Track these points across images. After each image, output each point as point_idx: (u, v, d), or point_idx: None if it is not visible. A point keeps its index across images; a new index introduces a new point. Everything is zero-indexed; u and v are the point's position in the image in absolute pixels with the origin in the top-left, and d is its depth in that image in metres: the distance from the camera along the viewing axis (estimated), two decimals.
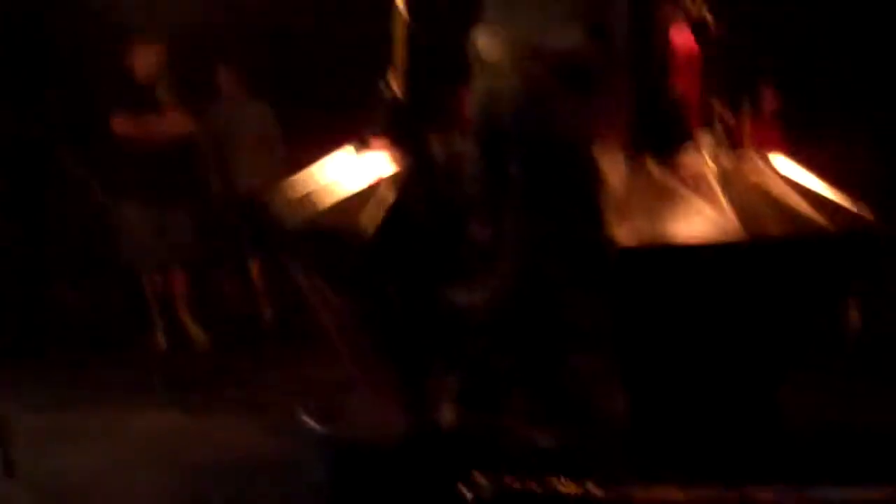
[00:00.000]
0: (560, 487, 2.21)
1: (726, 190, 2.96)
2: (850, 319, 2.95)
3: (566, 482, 2.24)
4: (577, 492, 2.20)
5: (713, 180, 3.00)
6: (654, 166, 3.07)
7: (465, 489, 2.30)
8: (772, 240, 2.85)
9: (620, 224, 2.87)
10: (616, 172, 3.35)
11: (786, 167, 3.25)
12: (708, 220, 2.88)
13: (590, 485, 2.22)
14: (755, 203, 2.96)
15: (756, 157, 3.23)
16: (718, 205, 2.91)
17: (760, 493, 2.00)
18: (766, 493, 1.99)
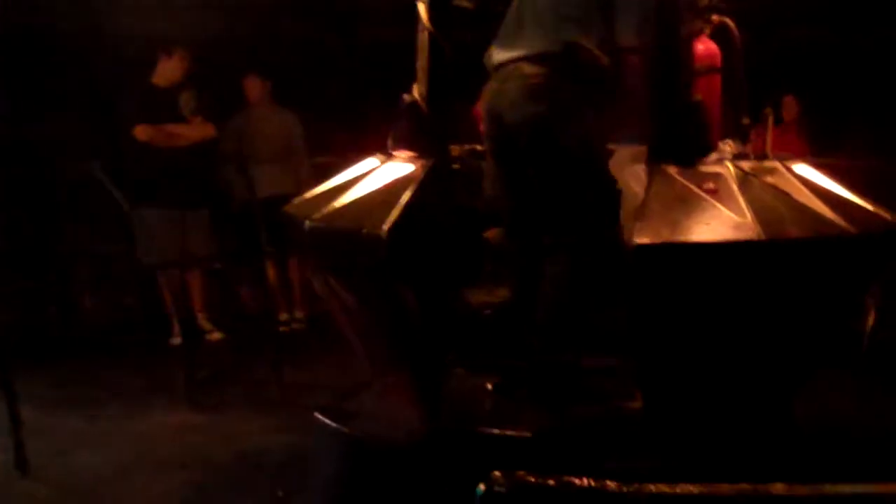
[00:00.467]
0: (575, 482, 2.19)
1: (746, 195, 2.94)
2: (867, 319, 2.92)
3: (582, 478, 2.22)
4: (593, 486, 2.18)
5: (734, 186, 2.98)
6: (674, 173, 3.05)
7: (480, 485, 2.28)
8: (791, 240, 2.82)
9: (640, 228, 2.84)
10: (636, 178, 3.37)
11: (807, 173, 3.23)
12: (728, 223, 2.86)
13: (605, 480, 2.19)
14: (776, 207, 2.94)
15: (777, 163, 3.21)
16: (739, 209, 2.89)
17: (774, 487, 1.97)
18: (779, 487, 1.97)
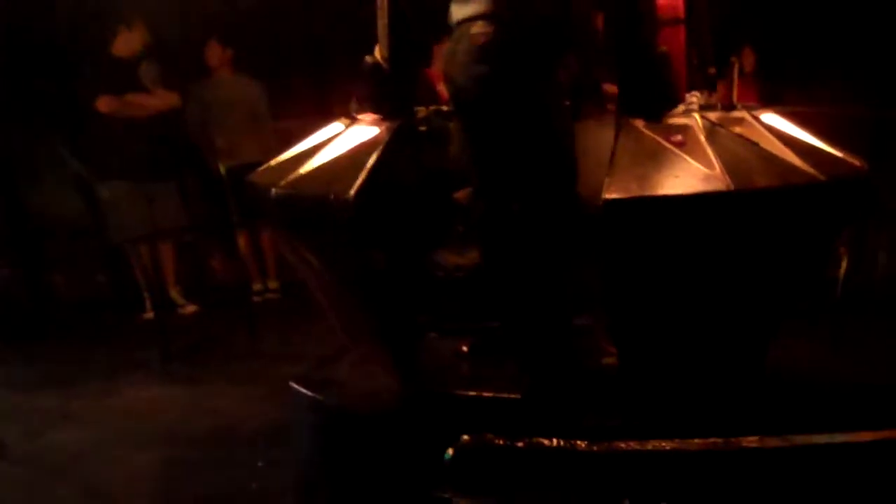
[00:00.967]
0: (545, 443, 2.17)
1: (715, 146, 2.92)
2: (840, 267, 2.91)
3: (551, 438, 2.20)
4: (562, 446, 2.17)
5: (702, 138, 2.95)
6: (642, 126, 3.02)
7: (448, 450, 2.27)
8: (761, 190, 2.80)
9: (609, 183, 2.81)
10: (602, 132, 3.33)
11: (775, 122, 3.21)
12: (697, 175, 2.83)
13: (575, 439, 2.18)
14: (745, 157, 2.92)
15: (745, 113, 3.18)
16: (708, 161, 2.87)
17: (745, 440, 1.97)
18: (751, 440, 1.96)
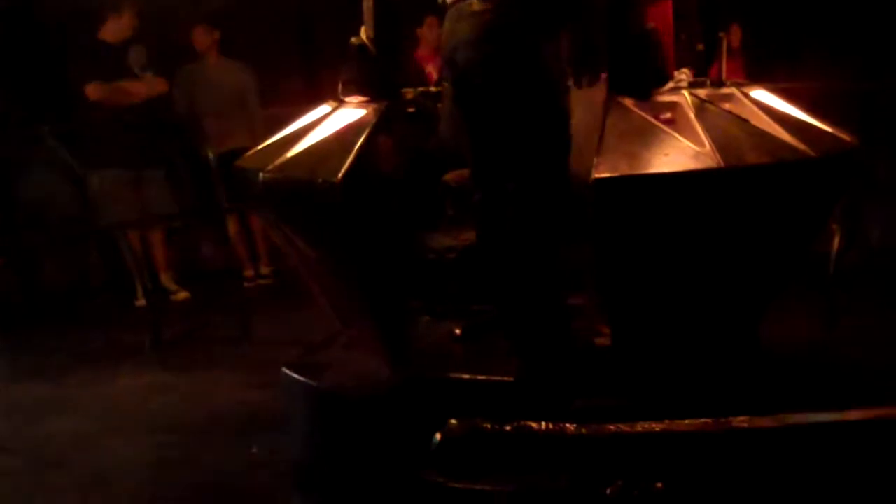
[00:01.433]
0: (533, 426, 2.16)
1: (704, 123, 2.90)
2: (833, 242, 2.90)
3: (540, 422, 2.19)
4: (551, 429, 2.16)
5: (691, 115, 2.94)
6: (631, 104, 3.00)
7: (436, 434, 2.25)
8: (751, 166, 2.78)
9: (598, 162, 2.80)
10: (592, 110, 3.30)
11: (764, 98, 3.19)
12: (687, 153, 2.82)
13: (564, 423, 2.17)
14: (734, 134, 2.90)
15: (734, 89, 3.17)
16: (697, 138, 2.85)
17: (737, 420, 1.96)
18: (742, 420, 1.95)
